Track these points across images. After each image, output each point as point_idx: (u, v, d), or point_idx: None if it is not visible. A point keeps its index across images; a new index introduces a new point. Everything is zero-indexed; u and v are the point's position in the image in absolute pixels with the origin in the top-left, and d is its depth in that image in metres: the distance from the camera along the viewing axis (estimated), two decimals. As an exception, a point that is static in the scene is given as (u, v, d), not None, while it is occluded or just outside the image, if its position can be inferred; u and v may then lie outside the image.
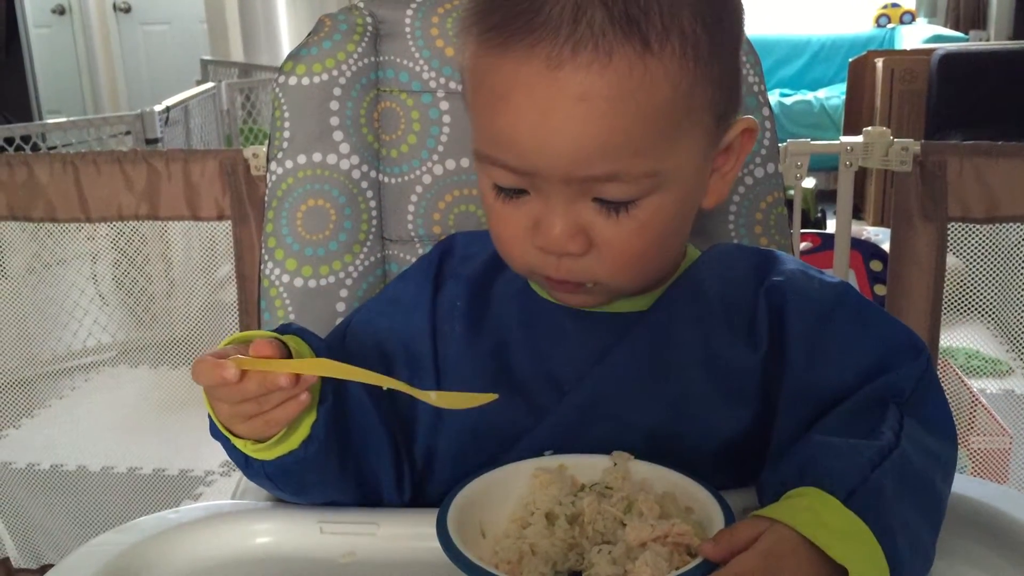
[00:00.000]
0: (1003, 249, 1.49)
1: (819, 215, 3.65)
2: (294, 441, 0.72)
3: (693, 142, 0.73)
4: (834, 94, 5.13)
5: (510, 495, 0.70)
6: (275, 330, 0.74)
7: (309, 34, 1.05)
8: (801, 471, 0.63)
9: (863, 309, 0.78)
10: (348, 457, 0.77)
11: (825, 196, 3.69)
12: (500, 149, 0.71)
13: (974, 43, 4.91)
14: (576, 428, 0.77)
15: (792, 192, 1.76)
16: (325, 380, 0.72)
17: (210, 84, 3.60)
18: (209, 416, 0.74)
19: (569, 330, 0.82)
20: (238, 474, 0.84)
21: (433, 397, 0.71)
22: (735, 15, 0.75)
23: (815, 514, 0.59)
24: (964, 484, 0.72)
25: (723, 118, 0.75)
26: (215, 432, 0.75)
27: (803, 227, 2.84)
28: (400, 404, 0.82)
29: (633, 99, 0.67)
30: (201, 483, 2.34)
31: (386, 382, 0.69)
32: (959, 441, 1.80)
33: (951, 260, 1.47)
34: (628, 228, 0.72)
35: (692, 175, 0.75)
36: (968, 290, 1.53)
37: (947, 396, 0.75)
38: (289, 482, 0.76)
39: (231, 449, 0.74)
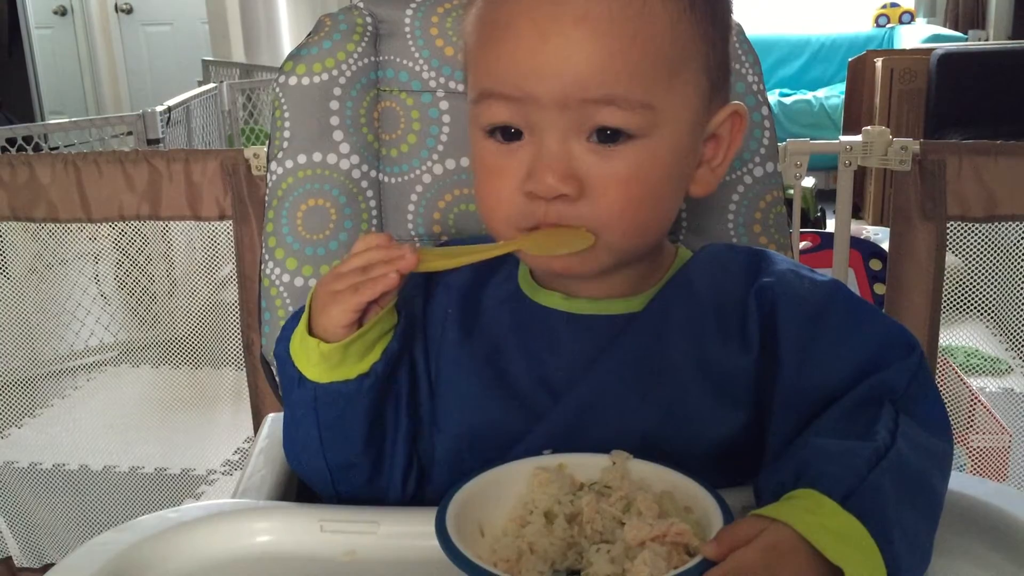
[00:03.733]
0: (1002, 248, 1.49)
1: (818, 214, 3.65)
2: (352, 371, 0.75)
3: (687, 94, 0.75)
4: (833, 94, 5.13)
5: (509, 494, 0.70)
6: None
7: (309, 34, 1.05)
8: (797, 474, 0.64)
9: (854, 307, 0.78)
10: (381, 419, 0.79)
11: (824, 195, 3.69)
12: (498, 78, 0.73)
13: (973, 43, 4.91)
14: (570, 432, 0.77)
15: (791, 191, 1.77)
16: (397, 332, 0.77)
17: (211, 85, 3.60)
18: (284, 329, 0.78)
19: (562, 333, 0.82)
20: (239, 473, 0.85)
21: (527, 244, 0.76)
22: None
23: (813, 515, 0.59)
24: (963, 482, 0.72)
25: (715, 88, 0.78)
26: (279, 349, 0.78)
27: (802, 226, 2.85)
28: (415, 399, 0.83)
29: (631, 24, 0.70)
30: (203, 482, 2.34)
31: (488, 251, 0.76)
32: (958, 440, 1.80)
33: (950, 259, 1.48)
34: (621, 169, 0.73)
35: (685, 132, 0.76)
36: (967, 289, 1.54)
37: (946, 395, 0.75)
38: (328, 414, 0.77)
39: (288, 367, 0.77)
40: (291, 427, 0.82)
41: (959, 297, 1.54)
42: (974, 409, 1.89)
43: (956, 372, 1.99)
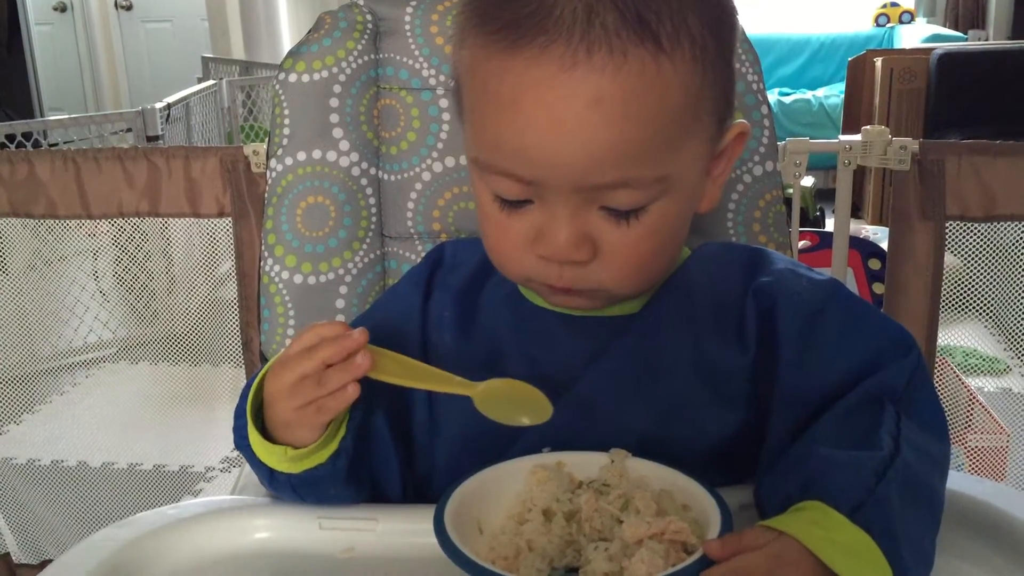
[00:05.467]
0: (1001, 248, 1.49)
1: (818, 214, 3.65)
2: (323, 456, 0.74)
3: (698, 146, 0.73)
4: (833, 93, 5.13)
5: (508, 491, 0.71)
6: None
7: (309, 31, 1.05)
8: (805, 486, 0.63)
9: (853, 306, 0.77)
10: (365, 472, 0.78)
11: (823, 195, 3.70)
12: (506, 158, 0.70)
13: (973, 43, 4.91)
14: (568, 432, 0.76)
15: (791, 191, 1.77)
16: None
17: (211, 82, 3.61)
18: (236, 427, 0.76)
19: (560, 334, 0.81)
20: (238, 470, 0.84)
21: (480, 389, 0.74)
22: (732, 20, 0.75)
23: (822, 529, 0.59)
24: (961, 481, 0.73)
25: (722, 122, 0.75)
26: (241, 444, 0.76)
27: (801, 225, 2.84)
28: (405, 417, 0.83)
29: (645, 102, 0.67)
30: (201, 479, 2.34)
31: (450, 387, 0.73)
32: (956, 440, 1.79)
33: (949, 259, 1.47)
34: (636, 235, 0.72)
35: (695, 179, 0.75)
36: (966, 289, 1.53)
37: (945, 395, 0.75)
38: (311, 493, 0.77)
39: (257, 464, 0.76)
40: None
41: (958, 297, 1.54)
42: (972, 409, 1.89)
43: (954, 372, 1.99)
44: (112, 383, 2.59)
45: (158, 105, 2.47)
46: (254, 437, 0.74)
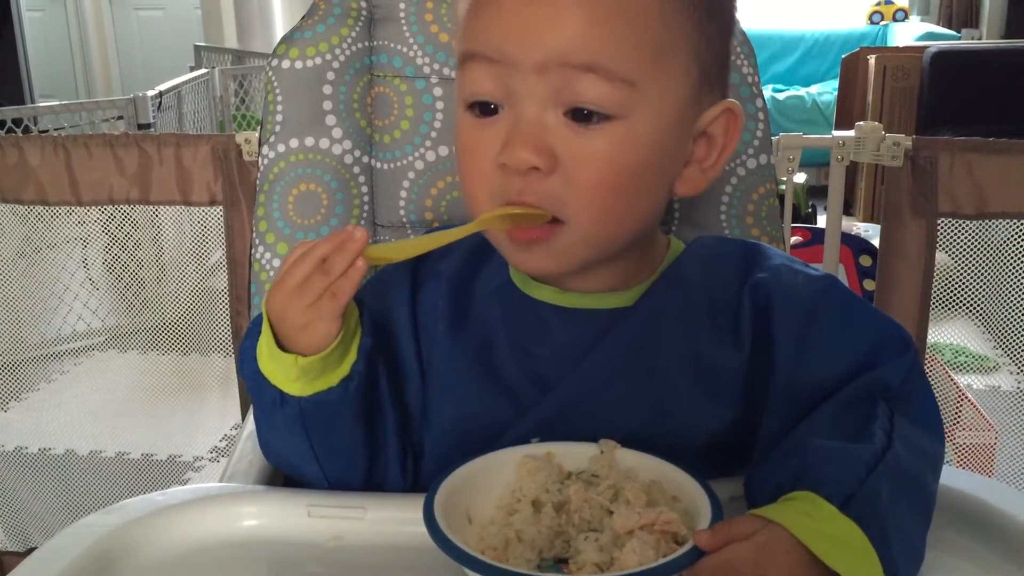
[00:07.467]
0: (992, 245, 1.50)
1: (809, 210, 3.66)
2: (334, 378, 0.73)
3: (673, 79, 0.73)
4: (826, 90, 5.14)
5: (497, 482, 0.70)
6: None
7: (303, 17, 1.04)
8: (796, 476, 0.63)
9: (849, 303, 0.77)
10: (369, 424, 0.77)
11: (816, 192, 3.70)
12: (479, 39, 0.72)
13: (966, 41, 4.92)
14: (558, 426, 0.76)
15: (784, 187, 1.77)
16: (364, 325, 0.74)
17: (203, 70, 3.59)
18: (244, 357, 0.74)
19: (552, 327, 0.81)
20: (226, 459, 0.84)
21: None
22: None
23: (812, 519, 0.59)
24: (951, 476, 0.73)
25: (707, 80, 0.75)
26: (249, 369, 0.74)
27: (793, 222, 2.85)
28: (400, 386, 0.82)
29: None
30: (190, 468, 2.33)
31: (447, 236, 0.74)
32: (945, 436, 1.80)
33: (940, 256, 1.48)
34: (597, 148, 0.71)
35: (669, 122, 0.74)
36: (956, 286, 1.54)
37: (934, 391, 0.75)
38: (320, 428, 0.75)
39: (266, 392, 0.74)
40: (276, 442, 0.80)
41: (948, 294, 1.55)
42: (961, 406, 1.90)
43: (944, 369, 2.00)
44: (101, 371, 2.58)
45: (150, 93, 2.46)
46: (265, 348, 0.72)
